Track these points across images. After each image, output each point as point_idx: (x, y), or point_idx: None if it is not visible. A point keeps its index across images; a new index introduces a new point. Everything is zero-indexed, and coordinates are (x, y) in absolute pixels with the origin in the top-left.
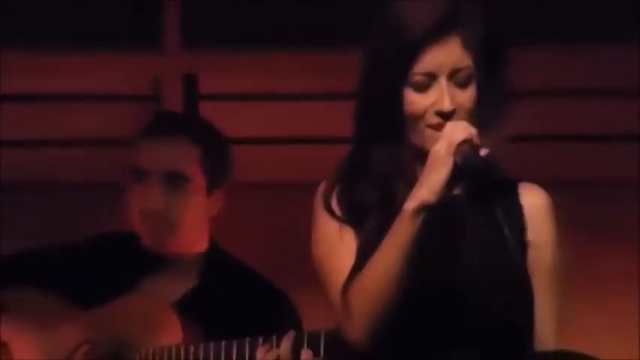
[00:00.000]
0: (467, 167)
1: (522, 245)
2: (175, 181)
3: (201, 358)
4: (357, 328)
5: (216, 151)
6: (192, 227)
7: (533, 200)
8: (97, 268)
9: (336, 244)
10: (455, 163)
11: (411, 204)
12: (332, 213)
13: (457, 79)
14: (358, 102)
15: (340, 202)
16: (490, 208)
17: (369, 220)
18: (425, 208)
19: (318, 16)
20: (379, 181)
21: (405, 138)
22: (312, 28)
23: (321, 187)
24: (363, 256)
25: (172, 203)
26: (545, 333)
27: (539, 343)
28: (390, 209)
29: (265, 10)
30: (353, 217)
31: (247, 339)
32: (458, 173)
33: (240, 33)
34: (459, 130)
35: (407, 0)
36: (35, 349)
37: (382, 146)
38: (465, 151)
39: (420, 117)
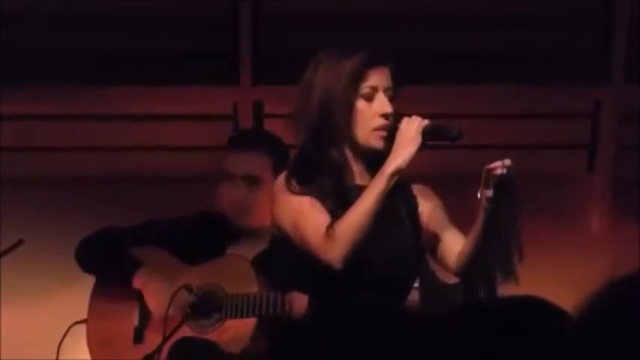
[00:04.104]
0: (434, 136)
1: (416, 217)
2: (252, 181)
3: (271, 302)
4: (341, 251)
5: (280, 158)
6: (262, 210)
7: (417, 188)
8: (198, 236)
9: (311, 208)
10: (422, 142)
11: (390, 168)
12: (302, 193)
13: (387, 95)
14: (317, 115)
15: (303, 187)
16: (396, 201)
17: (328, 198)
18: (399, 172)
19: None
20: (335, 170)
21: (352, 139)
22: None
23: (282, 178)
24: (336, 215)
25: (250, 197)
26: (460, 240)
27: (460, 252)
28: (342, 192)
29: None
30: (315, 196)
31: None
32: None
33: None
34: (419, 120)
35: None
36: (158, 296)
37: (335, 146)
38: (430, 126)
39: (368, 121)
